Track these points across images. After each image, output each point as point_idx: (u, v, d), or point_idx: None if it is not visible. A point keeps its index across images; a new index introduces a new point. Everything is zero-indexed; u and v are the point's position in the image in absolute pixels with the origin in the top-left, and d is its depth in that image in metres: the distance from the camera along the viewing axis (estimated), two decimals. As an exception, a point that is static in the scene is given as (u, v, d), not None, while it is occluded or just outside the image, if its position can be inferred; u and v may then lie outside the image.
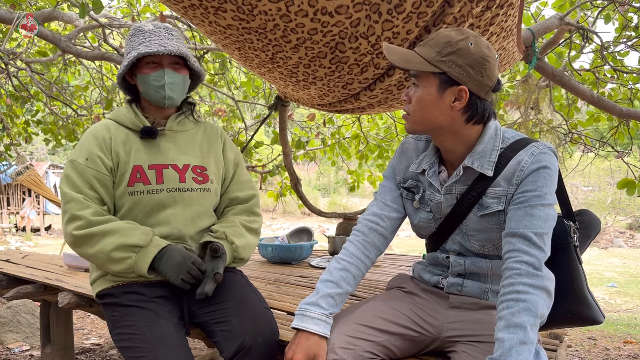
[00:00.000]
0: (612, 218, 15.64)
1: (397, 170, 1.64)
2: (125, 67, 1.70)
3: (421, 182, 1.57)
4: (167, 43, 1.71)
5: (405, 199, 1.63)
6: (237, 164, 1.97)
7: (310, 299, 1.48)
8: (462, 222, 1.50)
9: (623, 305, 6.13)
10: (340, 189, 24.87)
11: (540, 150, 1.39)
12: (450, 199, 1.50)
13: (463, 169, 1.45)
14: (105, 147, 1.72)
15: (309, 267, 3.27)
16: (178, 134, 1.84)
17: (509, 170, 1.40)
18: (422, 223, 1.59)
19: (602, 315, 1.56)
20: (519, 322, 1.22)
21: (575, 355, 4.02)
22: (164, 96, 1.74)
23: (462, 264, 1.53)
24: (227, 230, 1.80)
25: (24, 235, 14.18)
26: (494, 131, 1.45)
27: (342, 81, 2.57)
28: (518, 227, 1.34)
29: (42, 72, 5.74)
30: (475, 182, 1.45)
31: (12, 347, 3.75)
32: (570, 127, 4.76)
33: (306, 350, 1.38)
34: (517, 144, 1.43)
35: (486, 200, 1.44)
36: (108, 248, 1.61)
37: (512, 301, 1.26)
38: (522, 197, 1.37)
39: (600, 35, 3.66)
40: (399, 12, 2.05)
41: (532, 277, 1.28)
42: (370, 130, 6.20)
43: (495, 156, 1.42)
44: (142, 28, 1.74)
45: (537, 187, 1.36)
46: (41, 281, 2.53)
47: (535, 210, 1.34)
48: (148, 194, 1.72)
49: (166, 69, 1.72)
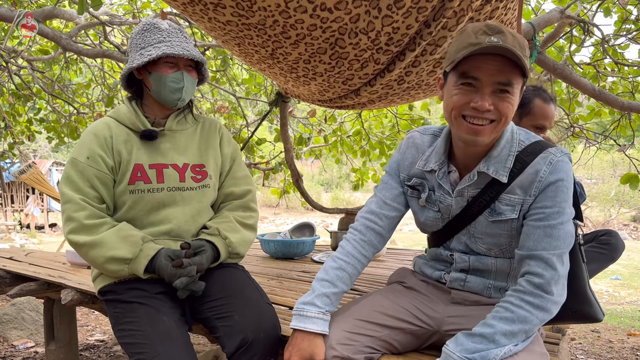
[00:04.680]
0: (616, 211, 15.62)
1: (402, 166, 1.60)
2: (142, 62, 1.68)
3: (427, 180, 1.53)
4: (188, 47, 1.73)
5: (410, 197, 1.59)
6: (233, 159, 1.97)
7: (306, 298, 1.48)
8: (470, 223, 1.47)
9: (627, 297, 6.13)
10: (343, 184, 24.88)
11: (558, 159, 1.34)
12: (461, 201, 1.47)
13: (477, 174, 1.41)
14: (106, 146, 1.72)
15: (312, 262, 3.27)
16: (177, 133, 1.84)
17: (525, 179, 1.36)
18: (428, 221, 1.57)
19: (602, 313, 1.57)
20: (493, 324, 1.29)
21: (578, 348, 4.02)
22: (179, 98, 1.75)
23: (466, 260, 1.52)
24: (220, 226, 1.80)
25: (28, 232, 14.23)
26: (511, 134, 1.41)
27: (343, 77, 2.57)
28: (536, 248, 1.32)
29: (44, 70, 5.75)
30: (489, 186, 1.41)
31: (16, 344, 3.78)
32: (571, 121, 4.75)
33: (301, 352, 1.39)
34: (533, 149, 1.39)
35: (499, 206, 1.41)
36: (99, 260, 1.65)
37: (502, 308, 1.31)
38: (541, 214, 1.34)
39: (600, 28, 3.65)
40: (398, 8, 2.04)
41: (536, 297, 1.29)
42: (375, 128, 6.16)
43: (511, 162, 1.38)
44: (158, 25, 1.73)
45: (556, 202, 1.32)
46: (44, 278, 2.55)
47: (555, 231, 1.31)
48: (149, 192, 1.73)
49: (184, 71, 1.74)
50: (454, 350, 1.28)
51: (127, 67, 1.74)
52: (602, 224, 15.08)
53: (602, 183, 16.98)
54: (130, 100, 1.82)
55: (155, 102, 1.81)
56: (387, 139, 5.94)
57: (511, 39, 1.25)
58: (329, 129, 6.27)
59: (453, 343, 1.30)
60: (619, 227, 14.80)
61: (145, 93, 1.82)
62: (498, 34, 1.25)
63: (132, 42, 1.77)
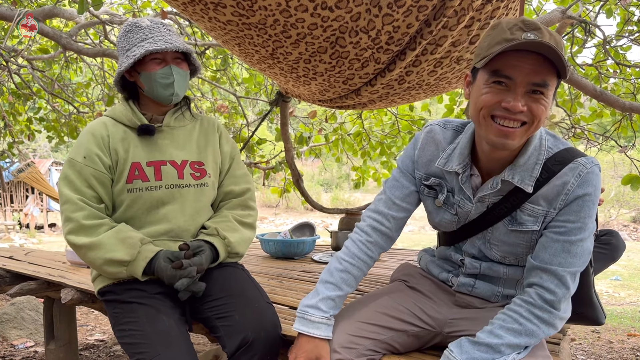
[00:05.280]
0: (616, 211, 15.61)
1: (419, 163, 1.49)
2: (129, 65, 1.67)
3: (447, 180, 1.45)
4: (171, 39, 1.70)
5: (426, 196, 1.51)
6: (232, 157, 1.96)
7: (310, 300, 1.46)
8: (487, 229, 1.41)
9: (627, 298, 6.12)
10: (343, 184, 24.86)
11: (588, 170, 1.27)
12: (481, 207, 1.40)
13: (501, 182, 1.34)
14: (103, 145, 1.71)
15: (312, 262, 3.27)
16: (175, 129, 1.83)
17: (551, 190, 1.29)
18: (443, 222, 1.51)
19: (604, 316, 1.56)
20: (500, 334, 1.27)
21: (579, 348, 4.02)
22: (172, 93, 1.74)
23: (477, 267, 1.48)
24: (219, 226, 1.79)
25: (28, 232, 14.22)
26: (539, 141, 1.32)
27: (343, 76, 2.57)
28: (552, 263, 1.27)
29: (44, 70, 5.74)
30: (511, 194, 1.34)
31: (16, 343, 3.77)
32: (573, 122, 4.74)
33: (308, 354, 1.38)
34: (562, 157, 1.30)
35: (521, 215, 1.34)
36: (97, 262, 1.64)
37: (510, 318, 1.29)
38: (562, 228, 1.28)
39: (602, 29, 3.64)
40: (399, 6, 2.04)
41: (545, 312, 1.27)
42: (375, 127, 6.14)
43: (537, 171, 1.30)
44: (139, 24, 1.71)
45: (580, 217, 1.27)
46: (44, 278, 2.54)
47: (574, 247, 1.27)
48: (147, 190, 1.72)
49: (172, 65, 1.72)
50: (458, 357, 1.26)
51: (117, 71, 1.73)
52: (602, 225, 15.06)
53: (602, 184, 16.95)
54: (126, 99, 1.81)
55: (151, 100, 1.80)
56: (387, 138, 5.93)
57: (548, 36, 1.16)
58: (329, 128, 6.26)
59: (457, 349, 1.28)
60: (618, 227, 14.78)
61: (140, 94, 1.82)
62: (535, 31, 1.16)
63: (118, 46, 1.76)
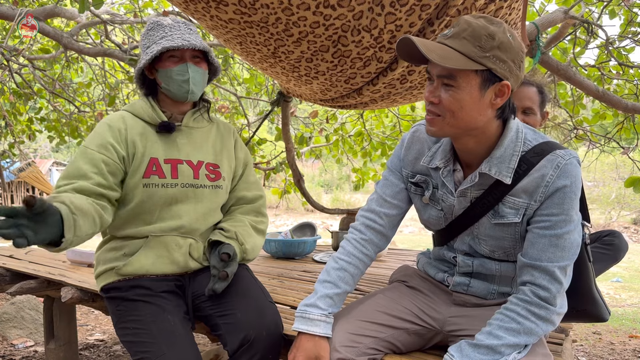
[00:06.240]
0: (617, 213, 15.60)
1: (405, 162, 1.54)
2: (147, 61, 1.69)
3: (432, 177, 1.49)
4: (190, 37, 1.72)
5: (413, 194, 1.55)
6: (246, 164, 1.99)
7: (308, 300, 1.47)
8: (474, 225, 1.43)
9: (628, 300, 6.11)
10: (344, 186, 24.83)
11: (566, 162, 1.28)
12: (464, 201, 1.42)
13: (479, 175, 1.36)
14: (120, 138, 1.70)
15: (313, 262, 3.26)
16: (194, 130, 1.85)
17: (531, 182, 1.30)
18: (432, 219, 1.53)
19: (608, 312, 1.55)
20: (499, 335, 1.27)
21: (580, 349, 4.00)
22: (188, 90, 1.75)
23: (469, 264, 1.49)
24: (238, 230, 1.81)
25: (28, 232, 14.21)
26: (515, 133, 1.34)
27: (345, 75, 2.56)
28: (541, 259, 1.28)
29: (45, 69, 5.74)
30: (492, 188, 1.36)
31: (16, 343, 3.76)
32: (575, 123, 4.73)
33: (307, 352, 1.37)
34: (540, 149, 1.32)
35: (503, 208, 1.36)
36: None
37: (508, 318, 1.29)
38: (547, 222, 1.29)
39: (605, 29, 3.63)
40: (401, 5, 2.03)
41: (542, 309, 1.27)
42: (376, 128, 6.13)
43: (514, 162, 1.31)
44: (161, 22, 1.74)
45: (563, 209, 1.27)
46: (44, 276, 2.53)
47: (561, 241, 1.27)
48: (163, 187, 1.71)
49: (189, 62, 1.73)
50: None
51: (136, 68, 1.75)
52: (603, 227, 15.05)
53: (603, 185, 16.97)
54: (146, 95, 1.83)
55: (169, 99, 1.82)
56: (389, 139, 5.92)
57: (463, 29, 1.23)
58: (330, 128, 6.25)
59: (458, 353, 1.29)
60: (619, 229, 14.72)
61: (158, 91, 1.83)
62: (453, 27, 1.26)
63: (141, 44, 1.80)
